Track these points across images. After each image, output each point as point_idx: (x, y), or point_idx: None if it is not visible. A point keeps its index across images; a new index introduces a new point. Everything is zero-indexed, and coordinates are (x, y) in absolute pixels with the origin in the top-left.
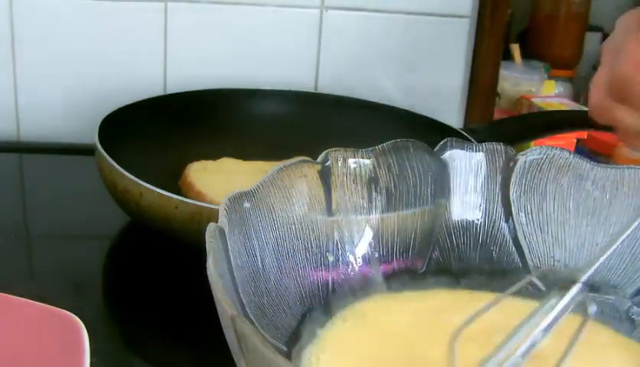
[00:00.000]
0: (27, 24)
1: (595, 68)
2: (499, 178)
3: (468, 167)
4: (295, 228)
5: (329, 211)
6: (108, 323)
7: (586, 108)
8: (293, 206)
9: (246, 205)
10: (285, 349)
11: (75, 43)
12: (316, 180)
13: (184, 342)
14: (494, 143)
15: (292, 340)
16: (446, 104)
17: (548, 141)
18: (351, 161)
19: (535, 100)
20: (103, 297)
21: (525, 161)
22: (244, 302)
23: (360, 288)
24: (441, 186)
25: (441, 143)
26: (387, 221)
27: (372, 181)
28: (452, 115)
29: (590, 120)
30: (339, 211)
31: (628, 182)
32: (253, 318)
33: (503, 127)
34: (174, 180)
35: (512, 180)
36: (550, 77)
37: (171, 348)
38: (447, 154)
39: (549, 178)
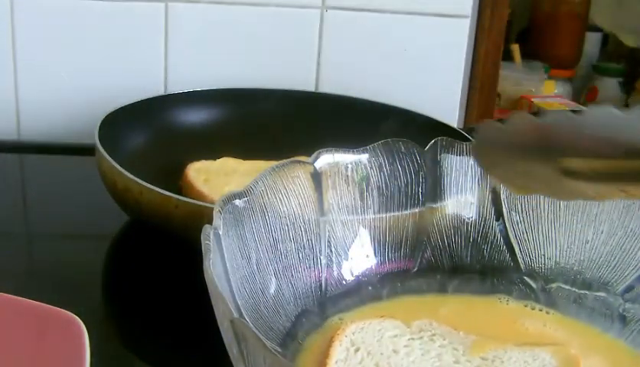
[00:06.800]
0: (28, 24)
1: (595, 68)
2: (490, 177)
3: (459, 166)
4: (288, 229)
5: (321, 211)
6: (108, 323)
7: (585, 108)
8: (286, 207)
9: (240, 206)
10: (280, 349)
11: (75, 44)
12: (308, 181)
13: (184, 342)
14: None
15: (287, 341)
16: (446, 104)
17: None
18: (342, 161)
19: (535, 100)
20: (103, 296)
21: None
22: (239, 304)
23: (352, 289)
24: (432, 185)
25: (431, 142)
26: (379, 221)
27: (363, 181)
28: (452, 115)
29: None
30: (331, 211)
31: None
32: (248, 320)
33: None
34: (174, 180)
35: None
36: (550, 77)
37: (170, 348)
38: (438, 154)
39: None
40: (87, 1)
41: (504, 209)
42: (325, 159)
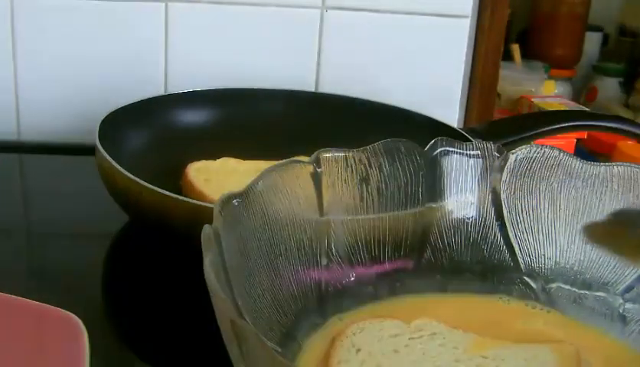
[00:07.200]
0: (28, 23)
1: (595, 68)
2: (490, 177)
3: (458, 166)
4: (288, 229)
5: (321, 211)
6: (108, 323)
7: (585, 108)
8: (285, 207)
9: (240, 206)
10: (280, 349)
11: (75, 43)
12: (308, 181)
13: (184, 342)
14: (484, 142)
15: (287, 341)
16: (446, 104)
17: (548, 141)
18: (342, 161)
19: (535, 100)
20: (103, 296)
21: (515, 160)
22: (239, 304)
23: (352, 289)
24: (432, 185)
25: (431, 142)
26: (379, 221)
27: (363, 181)
28: (452, 115)
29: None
30: (331, 211)
31: (617, 179)
32: (248, 320)
33: (503, 127)
34: (174, 180)
35: (502, 178)
36: (550, 77)
37: (170, 348)
38: (438, 154)
39: (539, 176)
40: (87, 0)
41: (504, 209)
42: (325, 159)
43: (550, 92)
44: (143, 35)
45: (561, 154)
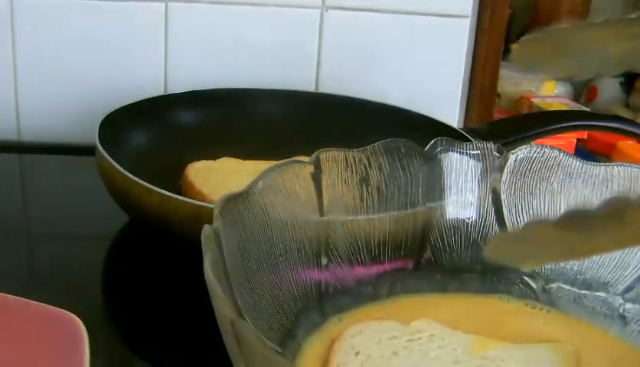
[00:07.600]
0: (28, 24)
1: None
2: (490, 177)
3: (459, 166)
4: (288, 229)
5: (321, 211)
6: (108, 323)
7: (585, 108)
8: (285, 207)
9: (240, 206)
10: (280, 349)
11: (75, 43)
12: (308, 181)
13: (184, 342)
14: (484, 142)
15: (287, 341)
16: (446, 104)
17: (548, 141)
18: (342, 161)
19: (535, 100)
20: (103, 296)
21: (515, 160)
22: (239, 304)
23: (352, 289)
24: (432, 185)
25: (431, 142)
26: (379, 221)
27: (363, 181)
28: (452, 115)
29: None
30: (331, 211)
31: (617, 179)
32: (248, 320)
33: (503, 127)
34: (174, 180)
35: (503, 178)
36: (550, 77)
37: (171, 348)
38: (438, 154)
39: (539, 176)
40: (87, 1)
41: (504, 209)
42: (325, 159)
43: (550, 92)
44: (143, 35)
45: (561, 154)
